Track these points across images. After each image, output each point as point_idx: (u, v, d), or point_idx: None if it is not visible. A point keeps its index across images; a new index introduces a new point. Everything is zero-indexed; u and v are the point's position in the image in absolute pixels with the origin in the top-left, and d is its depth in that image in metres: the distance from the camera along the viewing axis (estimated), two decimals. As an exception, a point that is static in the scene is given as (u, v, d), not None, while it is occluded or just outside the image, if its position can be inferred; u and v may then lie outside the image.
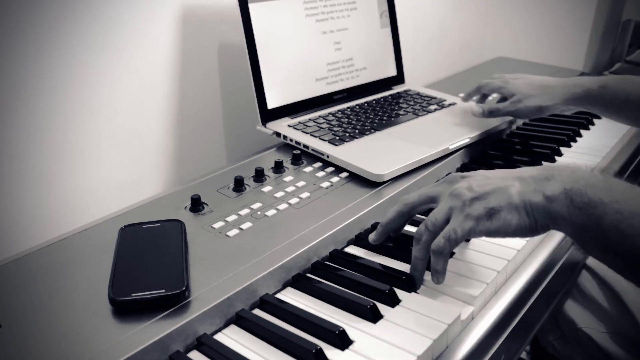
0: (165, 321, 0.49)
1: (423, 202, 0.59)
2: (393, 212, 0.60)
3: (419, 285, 0.57)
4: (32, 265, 0.57)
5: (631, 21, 1.59)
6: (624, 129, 1.00)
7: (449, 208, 0.54)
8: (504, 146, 0.92)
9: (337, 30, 0.96)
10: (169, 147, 0.90)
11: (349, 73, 0.98)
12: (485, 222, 0.51)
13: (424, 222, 0.56)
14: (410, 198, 0.60)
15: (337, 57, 0.96)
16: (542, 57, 1.43)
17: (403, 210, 0.60)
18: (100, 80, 0.78)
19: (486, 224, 0.51)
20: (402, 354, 0.48)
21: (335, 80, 0.96)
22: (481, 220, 0.52)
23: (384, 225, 0.61)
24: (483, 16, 1.61)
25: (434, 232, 0.55)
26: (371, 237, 0.62)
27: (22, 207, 0.73)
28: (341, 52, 0.96)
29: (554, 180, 0.50)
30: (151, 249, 0.58)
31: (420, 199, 0.59)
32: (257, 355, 0.49)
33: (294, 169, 0.78)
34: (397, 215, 0.60)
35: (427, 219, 0.56)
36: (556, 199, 0.49)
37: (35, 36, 0.70)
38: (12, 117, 0.70)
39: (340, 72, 0.97)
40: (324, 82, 0.94)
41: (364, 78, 1.01)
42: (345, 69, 0.97)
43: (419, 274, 0.57)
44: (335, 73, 0.96)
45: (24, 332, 0.48)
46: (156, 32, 0.83)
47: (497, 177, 0.54)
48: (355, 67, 0.99)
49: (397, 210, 0.60)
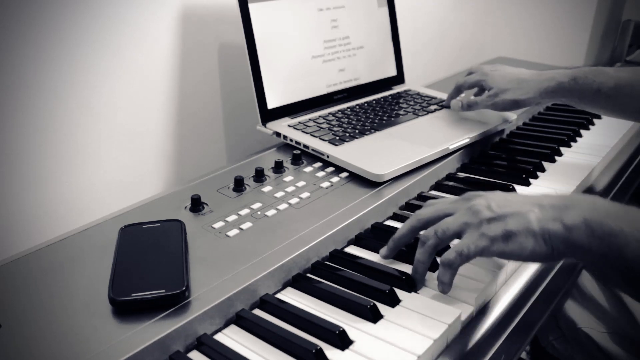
0: (165, 321, 0.49)
1: (438, 218, 0.57)
2: (406, 228, 0.59)
3: (420, 287, 0.57)
4: (32, 265, 0.57)
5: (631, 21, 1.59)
6: (624, 129, 1.00)
7: (464, 223, 0.53)
8: (504, 146, 0.92)
9: (338, 29, 0.96)
10: (169, 147, 0.90)
11: (350, 81, 0.98)
12: (501, 243, 0.51)
13: (433, 227, 0.55)
14: (424, 214, 0.59)
15: (340, 73, 0.96)
16: (542, 57, 1.43)
17: (416, 226, 0.59)
18: (100, 80, 0.78)
19: (501, 245, 0.51)
20: (403, 354, 0.48)
21: (335, 80, 0.96)
22: (496, 242, 0.51)
23: (396, 240, 0.60)
24: (483, 16, 1.61)
25: (442, 239, 0.55)
26: (382, 253, 0.61)
27: (22, 207, 0.73)
28: (344, 69, 0.97)
29: (573, 209, 0.49)
30: (151, 249, 0.58)
31: (435, 215, 0.57)
32: (257, 355, 0.49)
33: (294, 169, 0.78)
34: (409, 230, 0.59)
35: (437, 225, 0.55)
36: (576, 228, 0.48)
37: (35, 36, 0.70)
38: (12, 117, 0.70)
39: (341, 81, 0.97)
40: (324, 82, 0.94)
41: (364, 78, 1.01)
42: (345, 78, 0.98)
43: (420, 277, 0.57)
44: (336, 82, 0.96)
45: (24, 332, 0.48)
46: (156, 32, 0.83)
47: (517, 201, 0.53)
48: (356, 66, 0.99)
49: (410, 225, 0.59)
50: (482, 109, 0.88)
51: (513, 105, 0.84)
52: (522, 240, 0.50)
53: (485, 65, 0.92)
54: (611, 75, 0.77)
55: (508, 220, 0.51)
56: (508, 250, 0.51)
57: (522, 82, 0.83)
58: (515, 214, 0.51)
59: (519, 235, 0.50)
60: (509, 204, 0.53)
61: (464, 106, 0.89)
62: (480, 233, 0.52)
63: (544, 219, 0.50)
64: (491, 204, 0.53)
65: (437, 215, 0.57)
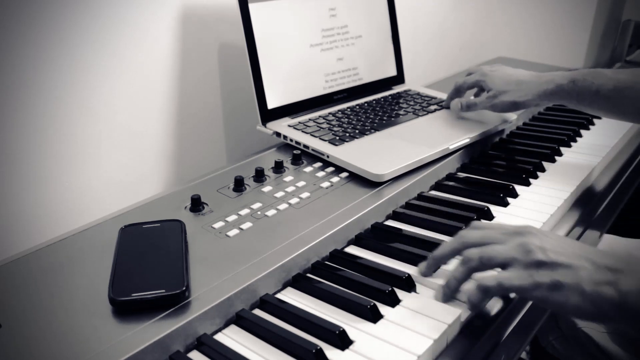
0: (165, 321, 0.49)
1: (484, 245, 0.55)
2: (448, 248, 0.57)
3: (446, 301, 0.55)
4: (32, 265, 0.57)
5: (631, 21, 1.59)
6: (624, 129, 1.00)
7: (513, 257, 0.51)
8: (504, 146, 0.92)
9: (338, 29, 0.96)
10: (169, 147, 0.90)
11: (350, 71, 0.98)
12: (545, 291, 0.49)
13: (479, 250, 0.53)
14: (470, 238, 0.56)
15: (338, 62, 0.96)
16: (542, 57, 1.43)
17: (459, 249, 0.56)
18: (100, 80, 0.78)
19: (545, 293, 0.49)
20: (403, 354, 0.48)
21: (335, 80, 0.96)
22: (540, 288, 0.49)
23: (437, 259, 0.58)
24: (483, 16, 1.61)
25: (484, 265, 0.53)
26: (421, 269, 0.59)
27: (22, 207, 0.73)
28: (343, 58, 0.96)
29: (629, 274, 0.47)
30: (151, 249, 0.58)
31: (482, 242, 0.55)
32: (257, 355, 0.49)
33: (294, 169, 0.78)
34: (451, 252, 0.57)
35: (484, 250, 0.53)
36: (632, 295, 0.46)
37: (35, 36, 0.70)
38: (12, 117, 0.70)
39: (342, 76, 0.97)
40: (324, 82, 0.94)
41: (364, 78, 1.01)
42: (346, 71, 0.97)
43: (450, 293, 0.55)
44: (336, 77, 0.96)
45: (24, 332, 0.48)
46: (156, 32, 0.83)
47: (571, 251, 0.50)
48: (356, 67, 0.99)
49: (453, 248, 0.57)
50: (481, 109, 0.88)
51: (512, 107, 0.84)
52: (568, 294, 0.48)
53: (484, 66, 0.92)
54: (610, 77, 0.76)
55: (559, 270, 0.49)
56: (551, 300, 0.49)
57: (522, 84, 0.83)
58: (568, 266, 0.49)
59: (566, 289, 0.48)
60: (563, 251, 0.50)
61: (463, 107, 0.90)
62: (527, 274, 0.50)
63: (597, 280, 0.48)
64: (545, 247, 0.51)
65: (485, 242, 0.55)
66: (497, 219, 0.70)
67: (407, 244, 0.63)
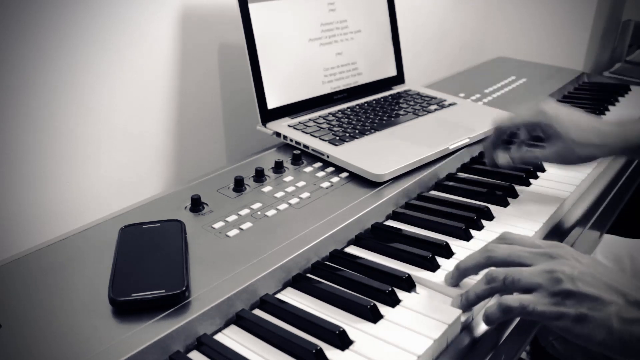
0: (165, 321, 0.49)
1: (510, 264, 0.52)
2: (473, 262, 0.55)
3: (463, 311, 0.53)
4: (32, 265, 0.57)
5: (631, 21, 1.60)
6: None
7: (539, 284, 0.49)
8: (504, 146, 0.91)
9: (337, 23, 0.96)
10: (169, 147, 0.90)
11: (350, 72, 0.98)
12: (569, 322, 0.47)
13: (504, 271, 0.51)
14: (496, 254, 0.54)
15: (337, 57, 0.96)
16: (542, 57, 1.43)
17: (484, 264, 0.54)
18: (100, 81, 0.78)
19: (569, 324, 0.47)
20: (403, 354, 0.48)
21: (335, 80, 0.96)
22: (565, 319, 0.47)
23: (461, 271, 0.56)
24: (483, 16, 1.61)
25: (507, 288, 0.51)
26: (447, 281, 0.57)
27: (22, 207, 0.73)
28: (342, 53, 0.96)
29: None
30: (151, 249, 0.58)
31: (509, 260, 0.53)
32: (257, 355, 0.49)
33: (294, 169, 0.78)
34: (476, 266, 0.55)
35: (510, 272, 0.51)
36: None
37: (35, 36, 0.70)
38: (12, 117, 0.70)
39: (341, 71, 0.97)
40: (323, 77, 0.94)
41: (364, 78, 1.01)
42: (346, 69, 0.97)
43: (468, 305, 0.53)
44: (335, 72, 0.96)
45: (24, 332, 0.48)
46: (156, 32, 0.83)
47: (602, 284, 0.48)
48: (356, 67, 0.99)
49: (478, 262, 0.55)
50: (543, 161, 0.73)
51: (585, 161, 0.71)
52: (594, 329, 0.46)
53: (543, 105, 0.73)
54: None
55: (586, 302, 0.47)
56: (575, 332, 0.47)
57: (605, 136, 0.69)
58: (597, 299, 0.47)
59: (592, 323, 0.46)
60: (593, 282, 0.48)
61: (515, 162, 0.73)
62: (553, 303, 0.48)
63: (629, 319, 0.46)
64: (574, 275, 0.48)
65: (512, 260, 0.52)
66: (497, 219, 0.70)
67: (407, 244, 0.63)
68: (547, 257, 0.51)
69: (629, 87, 1.24)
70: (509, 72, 1.27)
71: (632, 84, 1.26)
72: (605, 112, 1.09)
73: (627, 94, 1.21)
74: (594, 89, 1.23)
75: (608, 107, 1.11)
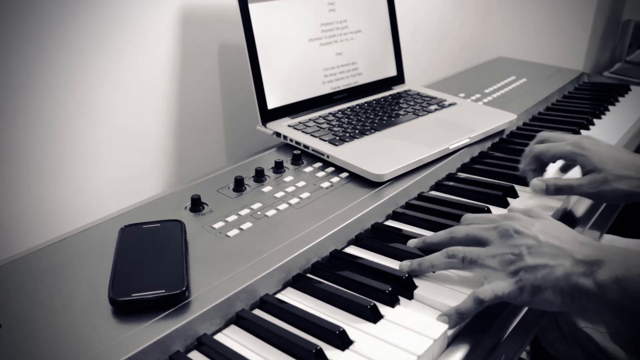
0: (165, 321, 0.49)
1: (469, 242, 0.57)
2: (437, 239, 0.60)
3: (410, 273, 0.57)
4: (32, 265, 0.57)
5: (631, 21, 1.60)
6: (624, 129, 1.00)
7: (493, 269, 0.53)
8: (504, 146, 0.92)
9: (337, 23, 0.96)
10: (169, 147, 0.90)
11: (350, 72, 0.98)
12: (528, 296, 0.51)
13: (463, 250, 0.55)
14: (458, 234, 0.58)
15: (337, 57, 0.96)
16: (542, 57, 1.43)
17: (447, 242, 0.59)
18: (101, 81, 0.78)
19: (528, 298, 0.51)
20: (403, 354, 0.48)
21: (335, 80, 0.96)
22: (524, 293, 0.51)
23: (427, 244, 0.61)
24: (483, 16, 1.61)
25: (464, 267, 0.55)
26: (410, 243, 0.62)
27: (22, 207, 0.73)
28: (342, 53, 0.96)
29: (605, 266, 0.48)
30: (151, 249, 0.58)
31: (467, 239, 0.57)
32: (257, 355, 0.49)
33: (294, 169, 0.78)
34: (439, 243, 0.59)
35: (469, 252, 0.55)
36: (608, 287, 0.47)
37: (35, 36, 0.70)
38: (12, 117, 0.70)
39: (341, 71, 0.97)
40: (323, 77, 0.94)
41: (364, 78, 1.01)
42: (346, 69, 0.97)
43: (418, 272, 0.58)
44: (335, 72, 0.96)
45: (24, 332, 0.48)
46: (156, 32, 0.83)
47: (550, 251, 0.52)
48: (356, 67, 0.99)
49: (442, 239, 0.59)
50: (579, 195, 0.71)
51: (624, 199, 0.68)
52: (549, 295, 0.50)
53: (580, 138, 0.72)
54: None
55: (538, 273, 0.51)
56: (536, 302, 0.51)
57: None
58: (546, 266, 0.51)
59: (546, 291, 0.50)
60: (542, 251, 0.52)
61: (550, 190, 0.71)
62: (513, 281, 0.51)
63: (574, 273, 0.49)
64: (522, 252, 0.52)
65: (470, 239, 0.57)
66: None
67: (406, 243, 0.63)
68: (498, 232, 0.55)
69: (629, 87, 1.24)
70: (509, 72, 1.28)
71: (632, 84, 1.26)
72: (605, 112, 1.09)
73: (627, 94, 1.21)
74: (594, 89, 1.23)
75: (608, 107, 1.11)
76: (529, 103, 1.08)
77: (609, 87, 1.23)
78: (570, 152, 0.70)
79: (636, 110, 1.11)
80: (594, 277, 0.48)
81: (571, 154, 0.70)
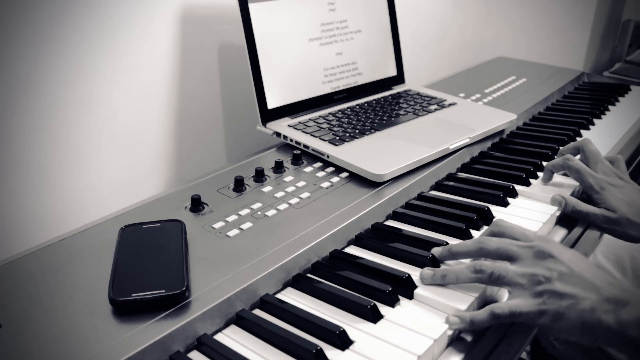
0: (165, 321, 0.49)
1: (500, 256, 0.56)
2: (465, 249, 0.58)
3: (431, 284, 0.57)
4: (32, 265, 0.57)
5: (631, 21, 1.60)
6: (624, 129, 1.00)
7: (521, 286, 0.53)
8: (504, 146, 0.92)
9: (337, 23, 0.96)
10: (169, 147, 0.90)
11: (350, 72, 0.98)
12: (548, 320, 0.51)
13: (493, 267, 0.54)
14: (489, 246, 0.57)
15: (337, 57, 0.96)
16: (542, 57, 1.43)
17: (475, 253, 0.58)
18: (101, 80, 0.78)
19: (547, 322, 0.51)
20: (403, 354, 0.48)
21: (335, 80, 0.96)
22: (545, 317, 0.51)
23: (452, 253, 0.60)
24: (483, 16, 1.61)
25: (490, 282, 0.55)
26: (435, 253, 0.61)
27: (22, 207, 0.73)
28: (342, 53, 0.96)
29: (630, 305, 0.49)
30: (151, 249, 0.58)
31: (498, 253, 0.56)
32: (257, 355, 0.49)
33: (294, 169, 0.78)
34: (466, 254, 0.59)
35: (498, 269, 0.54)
36: (630, 326, 0.48)
37: (35, 36, 0.70)
38: (12, 117, 0.70)
39: (341, 71, 0.97)
40: (323, 77, 0.94)
41: (364, 78, 1.01)
42: (346, 69, 0.97)
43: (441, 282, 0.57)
44: (335, 72, 0.96)
45: (24, 332, 0.48)
46: (156, 32, 0.83)
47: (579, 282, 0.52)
48: (356, 66, 0.99)
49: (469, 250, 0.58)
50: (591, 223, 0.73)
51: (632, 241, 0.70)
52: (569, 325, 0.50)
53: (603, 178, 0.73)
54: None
55: (564, 301, 0.51)
56: (555, 328, 0.51)
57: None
58: (574, 297, 0.51)
59: (568, 320, 0.50)
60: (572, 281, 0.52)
61: (567, 208, 0.72)
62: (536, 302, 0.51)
63: (599, 310, 0.50)
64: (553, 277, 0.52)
65: (501, 253, 0.56)
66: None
67: (407, 244, 0.63)
68: (533, 252, 0.54)
69: (629, 87, 1.24)
70: (509, 72, 1.28)
71: (632, 84, 1.26)
72: (605, 112, 1.09)
73: (627, 94, 1.21)
74: (594, 89, 1.23)
75: (608, 107, 1.11)
76: (529, 103, 1.08)
77: (609, 87, 1.23)
78: (589, 185, 0.73)
79: (636, 110, 1.11)
80: (617, 315, 0.49)
81: (590, 187, 0.73)
